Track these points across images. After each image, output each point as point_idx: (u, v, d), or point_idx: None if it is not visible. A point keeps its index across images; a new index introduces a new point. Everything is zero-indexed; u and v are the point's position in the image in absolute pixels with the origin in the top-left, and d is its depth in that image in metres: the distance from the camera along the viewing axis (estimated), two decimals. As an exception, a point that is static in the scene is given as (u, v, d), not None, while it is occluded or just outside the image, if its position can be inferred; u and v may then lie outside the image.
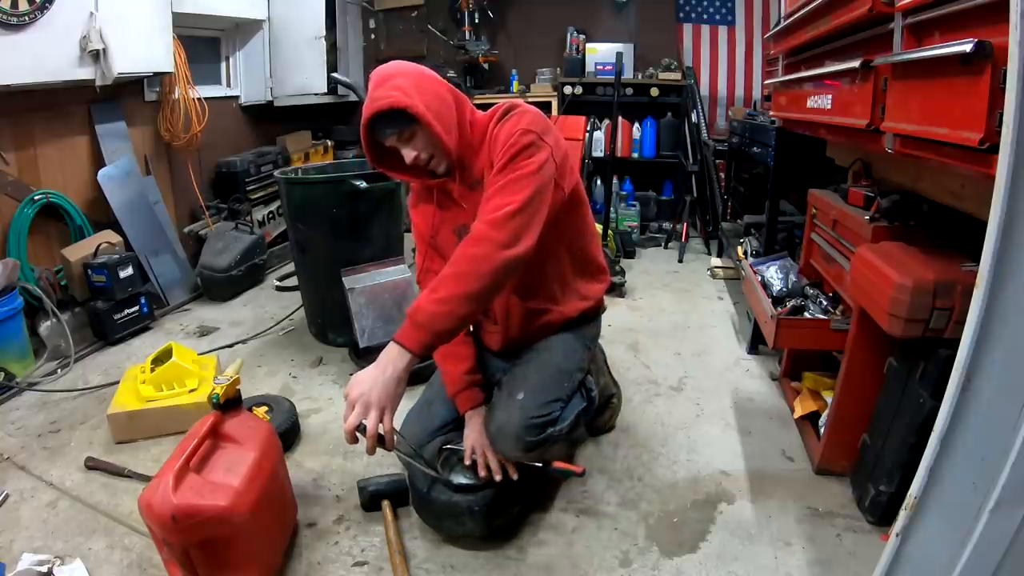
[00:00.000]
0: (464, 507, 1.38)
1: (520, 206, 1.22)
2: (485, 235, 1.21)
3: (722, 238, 3.57)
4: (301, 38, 3.75)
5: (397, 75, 1.32)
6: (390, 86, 1.30)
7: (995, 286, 0.79)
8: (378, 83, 1.32)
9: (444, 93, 1.36)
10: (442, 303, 1.17)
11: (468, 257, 1.20)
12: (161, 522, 1.11)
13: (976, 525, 0.85)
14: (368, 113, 1.30)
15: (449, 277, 1.19)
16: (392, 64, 1.37)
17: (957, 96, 0.97)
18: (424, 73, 1.36)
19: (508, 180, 1.26)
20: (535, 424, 1.36)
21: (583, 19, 4.47)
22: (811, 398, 1.89)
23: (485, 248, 1.20)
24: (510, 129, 1.32)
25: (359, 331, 2.19)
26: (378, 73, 1.35)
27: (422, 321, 1.17)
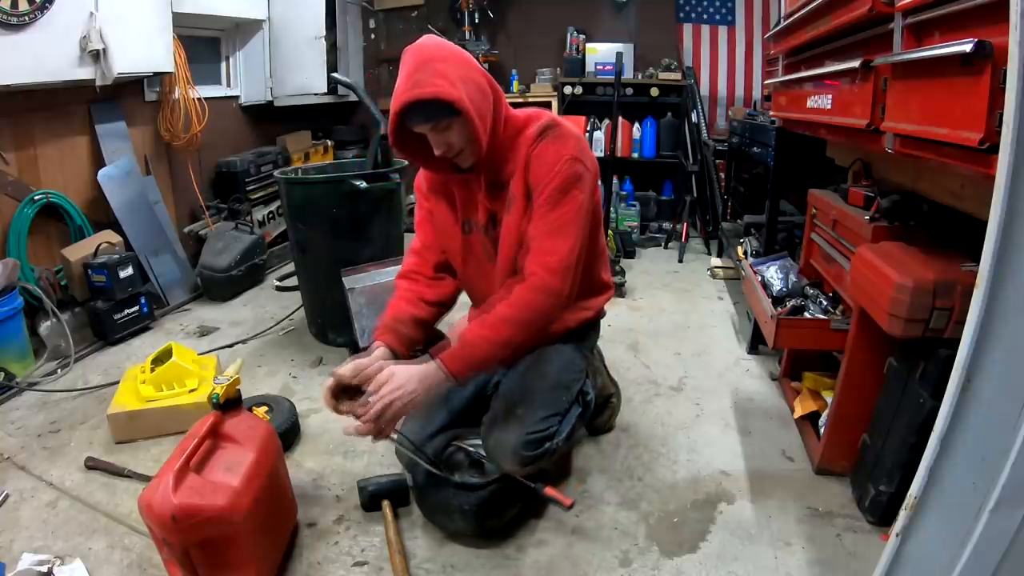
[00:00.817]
0: (455, 505, 1.38)
1: (576, 252, 1.29)
2: (548, 286, 1.27)
3: (722, 238, 3.57)
4: (301, 38, 3.75)
5: (438, 59, 1.23)
6: (432, 71, 1.20)
7: (995, 286, 0.79)
8: (417, 64, 1.22)
9: (485, 85, 1.29)
10: (497, 346, 1.26)
11: (531, 306, 1.27)
12: (161, 522, 1.11)
13: (976, 525, 0.85)
14: (407, 99, 1.20)
15: (510, 322, 1.26)
16: (430, 42, 1.27)
17: (957, 96, 0.97)
18: (466, 59, 1.28)
19: (561, 220, 1.29)
20: (533, 440, 1.36)
21: (583, 19, 4.48)
22: (811, 398, 1.89)
23: (549, 300, 1.28)
24: (557, 153, 1.30)
25: (359, 331, 2.19)
26: (417, 52, 1.24)
27: (475, 360, 1.26)
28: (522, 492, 1.45)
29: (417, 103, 1.20)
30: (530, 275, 1.28)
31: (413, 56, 1.24)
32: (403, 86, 1.22)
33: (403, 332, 1.42)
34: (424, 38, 1.29)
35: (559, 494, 1.47)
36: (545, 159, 1.31)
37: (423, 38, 1.30)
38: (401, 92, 1.22)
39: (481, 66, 1.30)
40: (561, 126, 1.36)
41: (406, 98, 1.21)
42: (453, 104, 1.20)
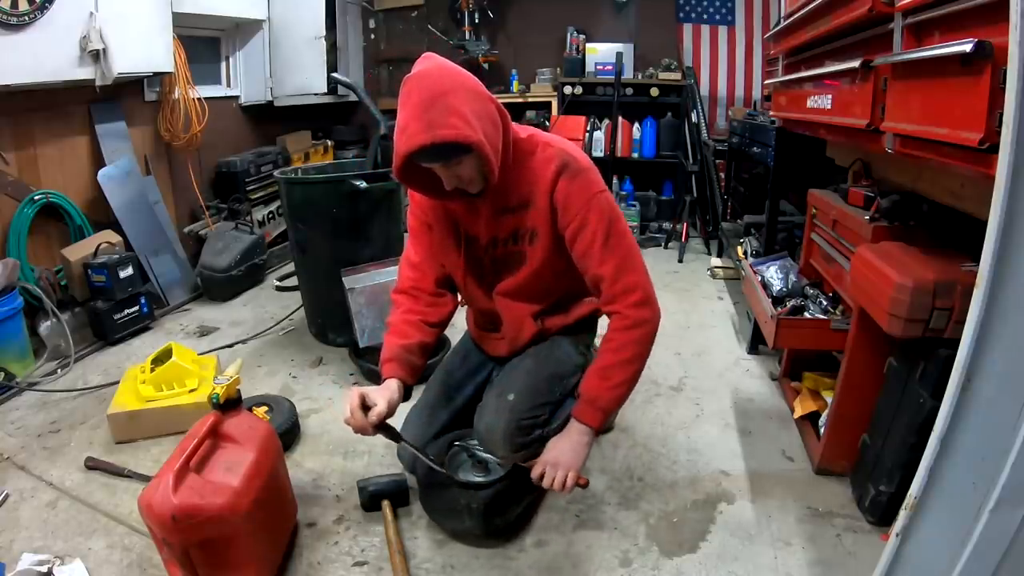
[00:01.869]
0: (464, 505, 1.38)
1: (645, 275, 1.36)
2: (641, 318, 1.34)
3: (722, 238, 3.57)
4: (301, 38, 3.75)
5: (448, 91, 1.17)
6: (446, 108, 1.15)
7: (995, 286, 0.79)
8: (427, 100, 1.15)
9: (495, 114, 1.26)
10: (617, 388, 1.34)
11: (635, 341, 1.34)
12: (161, 522, 1.11)
13: (976, 525, 0.85)
14: (422, 142, 1.14)
15: (623, 364, 1.33)
16: (435, 70, 1.20)
17: (957, 96, 0.97)
18: (475, 87, 1.23)
19: (622, 255, 1.33)
20: (524, 426, 1.39)
21: (583, 19, 4.47)
22: (811, 398, 1.89)
23: (647, 329, 1.35)
24: (586, 193, 1.31)
25: (359, 331, 2.19)
26: (425, 86, 1.17)
27: (603, 406, 1.34)
28: (527, 490, 1.45)
29: (432, 146, 1.16)
30: (621, 316, 1.34)
31: (420, 89, 1.17)
32: (414, 126, 1.15)
33: (413, 362, 1.43)
34: (426, 64, 1.22)
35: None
36: (576, 203, 1.31)
37: (425, 64, 1.22)
38: (414, 133, 1.15)
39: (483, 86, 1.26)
40: (576, 159, 1.34)
41: (421, 141, 1.14)
42: (474, 147, 1.17)
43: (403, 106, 1.19)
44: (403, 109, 1.19)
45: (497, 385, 1.49)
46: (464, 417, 1.57)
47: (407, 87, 1.19)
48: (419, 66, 1.23)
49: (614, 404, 1.37)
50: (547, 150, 1.35)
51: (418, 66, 1.23)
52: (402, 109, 1.19)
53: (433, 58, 1.25)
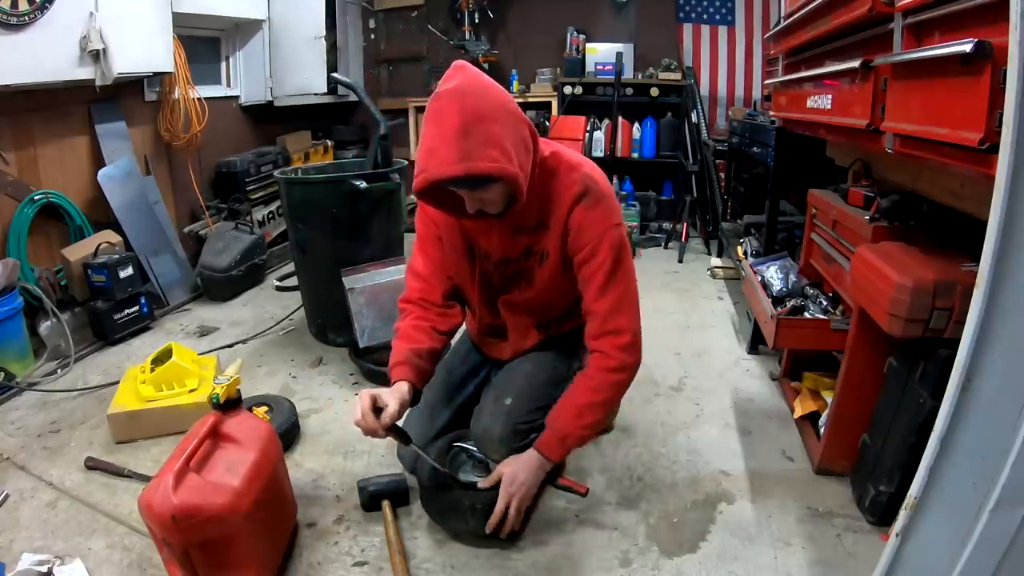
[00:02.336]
0: (468, 505, 1.38)
1: (637, 319, 1.37)
2: (624, 364, 1.35)
3: (722, 238, 3.57)
4: (301, 38, 3.75)
5: (488, 118, 1.10)
6: (485, 138, 1.09)
7: (995, 286, 0.79)
8: (465, 126, 1.08)
9: (528, 137, 1.21)
10: (588, 428, 1.36)
11: (612, 385, 1.36)
12: (161, 522, 1.11)
13: (976, 525, 0.85)
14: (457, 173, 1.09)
15: (596, 406, 1.35)
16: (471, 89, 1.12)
17: (957, 96, 0.97)
18: (512, 111, 1.17)
19: (622, 293, 1.34)
20: (520, 430, 1.41)
21: (583, 19, 4.47)
22: (811, 398, 1.89)
23: (627, 375, 1.37)
24: (603, 222, 1.30)
25: (359, 331, 2.19)
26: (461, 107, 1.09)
27: (570, 444, 1.37)
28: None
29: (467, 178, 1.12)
30: (606, 357, 1.35)
31: (456, 110, 1.09)
32: (448, 152, 1.09)
33: (422, 367, 1.43)
34: (460, 79, 1.13)
35: (574, 482, 1.46)
36: (590, 231, 1.31)
37: (459, 79, 1.13)
38: (447, 161, 1.09)
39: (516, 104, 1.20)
40: (598, 186, 1.32)
41: (455, 172, 1.09)
42: (512, 181, 1.14)
43: (435, 124, 1.11)
44: (435, 128, 1.11)
45: (495, 388, 1.50)
46: (464, 417, 1.57)
47: (439, 103, 1.11)
48: (452, 80, 1.14)
49: (579, 444, 1.40)
50: (570, 173, 1.32)
51: (451, 79, 1.14)
52: (434, 127, 1.11)
53: (467, 70, 1.16)
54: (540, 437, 1.38)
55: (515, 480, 1.35)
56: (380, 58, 4.88)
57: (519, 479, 1.35)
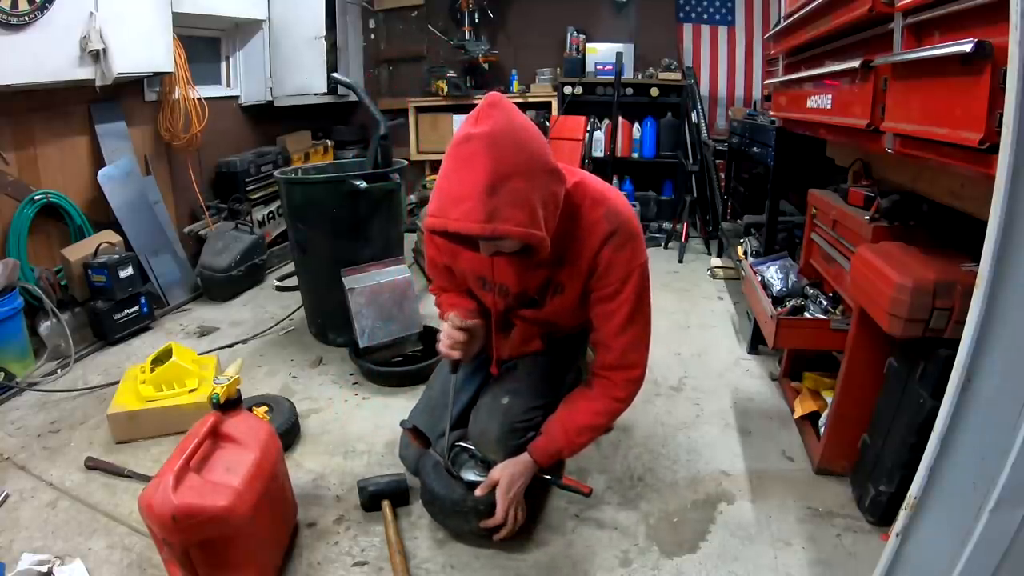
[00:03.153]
0: (471, 505, 1.38)
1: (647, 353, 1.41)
2: (628, 395, 1.39)
3: (722, 238, 3.57)
4: (301, 38, 3.75)
5: (523, 173, 1.04)
6: (514, 197, 1.03)
7: (995, 286, 0.79)
8: (497, 180, 1.02)
9: (557, 192, 1.15)
10: (579, 446, 1.40)
11: (611, 413, 1.40)
12: (161, 522, 1.11)
13: (976, 525, 0.85)
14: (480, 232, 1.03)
15: (593, 429, 1.40)
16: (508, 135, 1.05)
17: (957, 96, 0.97)
18: (546, 166, 1.11)
19: (641, 330, 1.37)
20: (517, 428, 1.42)
21: (583, 19, 4.48)
22: (811, 398, 1.89)
23: (627, 405, 1.41)
24: (630, 264, 1.29)
25: (359, 331, 2.19)
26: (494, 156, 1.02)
27: (564, 456, 1.42)
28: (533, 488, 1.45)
29: (489, 238, 1.07)
30: (615, 386, 1.38)
31: (488, 163, 1.02)
32: (473, 209, 1.02)
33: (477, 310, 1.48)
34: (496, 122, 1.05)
35: (578, 483, 1.46)
36: (617, 272, 1.29)
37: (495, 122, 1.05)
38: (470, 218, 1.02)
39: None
40: (627, 226, 1.27)
41: (477, 231, 1.03)
42: (535, 247, 1.10)
43: (461, 169, 1.05)
44: (461, 174, 1.05)
45: (493, 387, 1.51)
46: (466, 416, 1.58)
47: (470, 147, 1.04)
48: (487, 122, 1.05)
49: (569, 456, 1.45)
50: (596, 210, 1.26)
51: (485, 121, 1.06)
52: (459, 172, 1.05)
53: (503, 112, 1.07)
54: (536, 442, 1.40)
55: (512, 483, 1.37)
56: (380, 58, 4.88)
57: (515, 482, 1.37)
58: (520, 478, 1.38)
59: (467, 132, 1.06)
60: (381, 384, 2.21)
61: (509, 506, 1.36)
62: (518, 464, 1.39)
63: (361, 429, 1.93)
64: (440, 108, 4.58)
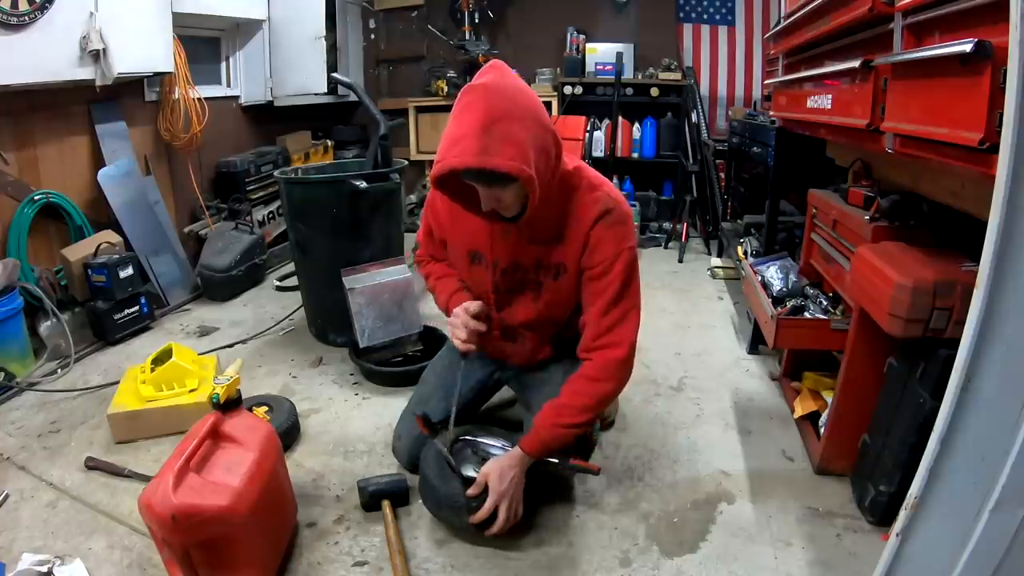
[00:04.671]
0: (464, 502, 1.38)
1: (635, 334, 1.39)
2: (619, 376, 1.39)
3: (722, 238, 3.57)
4: (301, 38, 3.75)
5: (513, 116, 1.14)
6: (504, 135, 1.12)
7: (995, 286, 0.79)
8: (488, 122, 1.11)
9: (551, 145, 1.22)
10: (567, 428, 1.39)
11: (601, 396, 1.39)
12: (161, 522, 1.11)
13: (976, 525, 0.85)
14: (472, 164, 1.11)
15: (580, 409, 1.38)
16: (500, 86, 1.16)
17: (957, 96, 0.97)
18: (539, 118, 1.19)
19: (626, 308, 1.37)
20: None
21: (583, 19, 4.47)
22: (811, 398, 1.89)
23: (614, 386, 1.41)
24: (619, 243, 1.34)
25: (359, 331, 2.19)
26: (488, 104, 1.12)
27: (553, 446, 1.41)
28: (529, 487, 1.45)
29: (482, 171, 1.14)
30: (596, 367, 1.38)
31: (482, 105, 1.13)
32: (468, 144, 1.11)
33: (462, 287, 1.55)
34: (493, 76, 1.17)
35: (585, 462, 1.47)
36: (606, 249, 1.34)
37: (492, 76, 1.17)
38: (466, 152, 1.11)
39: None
40: (620, 207, 1.36)
41: (471, 163, 1.12)
42: (524, 182, 1.15)
43: (460, 115, 1.15)
44: (459, 119, 1.14)
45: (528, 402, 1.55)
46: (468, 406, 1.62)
47: (468, 97, 1.15)
48: (485, 75, 1.18)
49: (560, 445, 1.42)
50: (593, 192, 1.35)
51: (484, 75, 1.18)
52: (458, 118, 1.15)
53: (501, 69, 1.20)
54: (525, 436, 1.43)
55: (502, 478, 1.37)
56: (380, 58, 4.88)
57: (506, 476, 1.37)
58: (511, 471, 1.38)
59: (467, 85, 1.17)
60: (381, 384, 2.21)
61: (500, 500, 1.35)
62: (509, 458, 1.40)
63: (361, 429, 1.93)
64: (440, 108, 4.58)
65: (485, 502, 1.36)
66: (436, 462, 1.44)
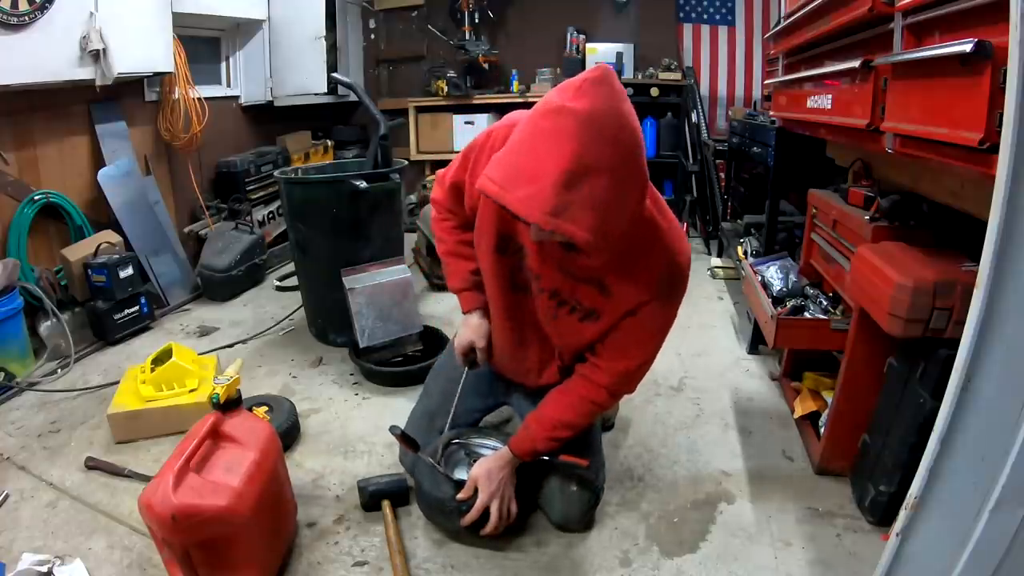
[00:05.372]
0: (454, 505, 1.38)
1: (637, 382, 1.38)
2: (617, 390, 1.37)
3: (722, 238, 3.56)
4: (301, 38, 3.75)
5: (607, 171, 0.91)
6: (590, 198, 0.90)
7: (995, 286, 0.79)
8: (580, 171, 0.88)
9: (638, 200, 1.03)
10: (557, 441, 1.37)
11: (591, 414, 1.37)
12: (161, 522, 1.11)
13: (976, 525, 0.85)
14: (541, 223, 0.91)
15: (570, 425, 1.35)
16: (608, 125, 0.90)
17: (957, 96, 0.97)
18: (636, 172, 0.97)
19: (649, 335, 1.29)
20: (593, 503, 1.47)
21: (583, 19, 4.47)
22: (811, 398, 1.89)
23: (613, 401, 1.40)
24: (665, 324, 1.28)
25: (359, 331, 2.19)
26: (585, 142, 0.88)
27: (539, 452, 1.39)
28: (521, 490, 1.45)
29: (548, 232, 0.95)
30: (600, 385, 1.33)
31: (576, 149, 0.88)
32: (540, 197, 0.89)
33: (481, 286, 1.43)
34: (600, 96, 0.90)
35: (575, 457, 1.45)
36: (660, 316, 1.25)
37: (596, 102, 0.90)
38: (534, 204, 0.90)
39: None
40: (677, 284, 1.22)
41: (538, 220, 0.91)
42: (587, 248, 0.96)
43: (544, 142, 0.91)
44: (541, 148, 0.91)
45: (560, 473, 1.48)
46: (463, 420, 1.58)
47: (562, 121, 0.90)
48: (590, 96, 0.90)
49: (547, 451, 1.39)
50: (663, 254, 1.18)
51: (588, 94, 0.91)
52: (540, 144, 0.91)
53: (610, 86, 0.92)
54: (514, 437, 1.41)
55: (491, 478, 1.36)
56: (380, 58, 4.88)
57: (494, 476, 1.37)
58: (499, 472, 1.37)
59: (560, 103, 0.91)
60: (381, 384, 2.21)
61: (491, 499, 1.35)
62: (497, 459, 1.40)
63: (361, 429, 1.93)
64: (440, 108, 4.58)
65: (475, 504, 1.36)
66: (427, 467, 1.44)
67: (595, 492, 1.47)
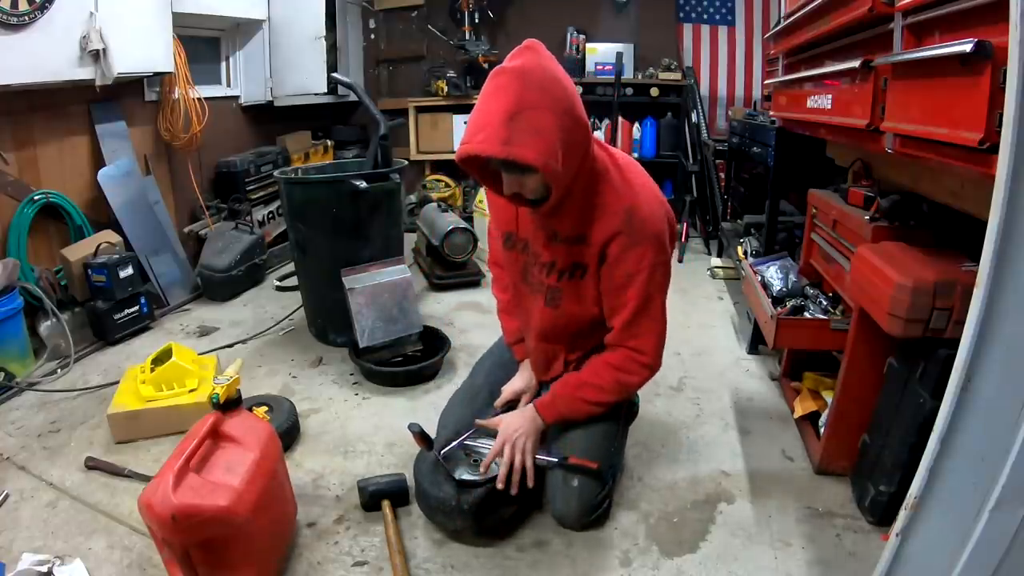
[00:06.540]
0: (454, 504, 1.38)
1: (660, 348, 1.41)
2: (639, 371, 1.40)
3: (722, 238, 3.56)
4: (301, 38, 3.75)
5: (541, 104, 1.10)
6: (531, 125, 1.09)
7: (995, 286, 0.79)
8: (517, 108, 1.08)
9: (579, 136, 1.18)
10: (585, 403, 1.42)
11: (620, 383, 1.41)
12: (161, 522, 1.11)
13: (976, 525, 0.85)
14: (494, 154, 1.10)
15: (600, 388, 1.41)
16: (535, 71, 1.11)
17: (957, 96, 0.97)
18: (570, 108, 1.14)
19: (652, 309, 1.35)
20: (593, 504, 1.45)
21: (583, 19, 4.48)
22: (811, 398, 1.89)
23: (636, 380, 1.42)
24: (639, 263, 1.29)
25: (359, 331, 2.19)
26: (515, 90, 1.09)
27: (564, 416, 1.45)
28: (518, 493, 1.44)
29: (503, 161, 1.14)
30: (625, 358, 1.39)
31: (512, 91, 1.09)
32: (493, 131, 1.09)
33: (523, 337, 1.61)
34: (527, 59, 1.12)
35: (584, 460, 1.45)
36: (622, 267, 1.30)
37: (526, 59, 1.12)
38: (489, 140, 1.10)
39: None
40: (642, 224, 1.28)
41: (493, 152, 1.10)
42: (545, 174, 1.14)
43: (489, 99, 1.12)
44: (488, 102, 1.12)
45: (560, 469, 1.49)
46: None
47: (500, 79, 1.11)
48: (519, 57, 1.13)
49: (574, 415, 1.45)
50: (618, 201, 1.28)
51: (518, 56, 1.13)
52: (487, 101, 1.12)
53: (536, 50, 1.14)
54: (541, 398, 1.46)
55: (510, 427, 1.41)
56: (380, 58, 4.88)
57: (514, 426, 1.41)
58: (520, 421, 1.41)
59: (500, 67, 1.13)
60: (381, 384, 2.21)
61: (505, 443, 1.38)
62: (522, 412, 1.44)
63: (361, 429, 1.93)
64: (440, 108, 4.58)
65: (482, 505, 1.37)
66: (428, 467, 1.44)
67: (599, 490, 1.45)
